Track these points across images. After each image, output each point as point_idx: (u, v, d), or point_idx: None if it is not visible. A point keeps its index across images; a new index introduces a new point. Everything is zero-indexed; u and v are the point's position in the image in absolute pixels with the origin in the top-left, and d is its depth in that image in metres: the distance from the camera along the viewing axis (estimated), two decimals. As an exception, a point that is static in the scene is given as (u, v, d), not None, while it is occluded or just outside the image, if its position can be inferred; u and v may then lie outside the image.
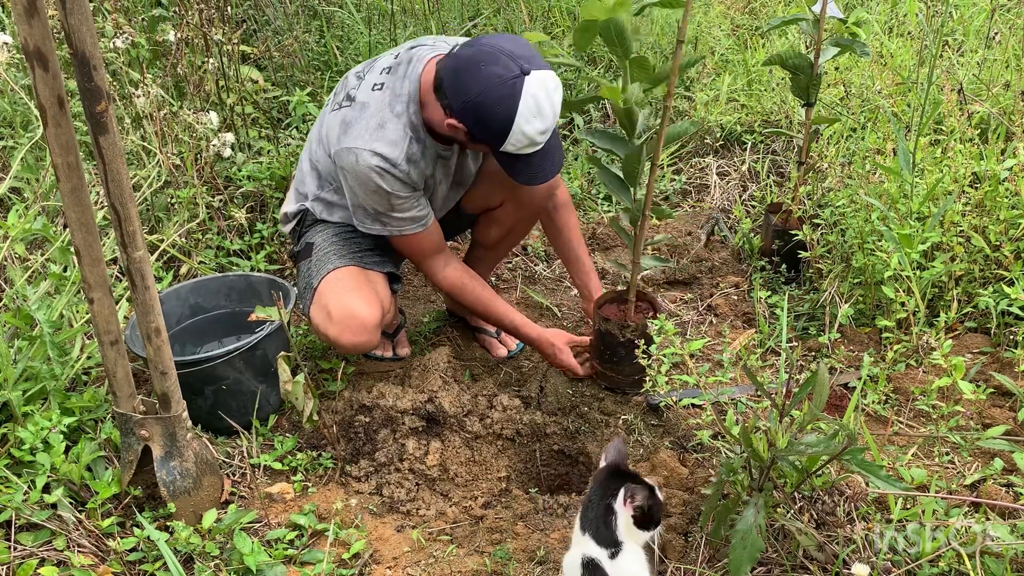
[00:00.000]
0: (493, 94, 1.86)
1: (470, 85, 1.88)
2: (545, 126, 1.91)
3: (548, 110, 1.90)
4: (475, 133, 1.95)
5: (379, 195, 2.03)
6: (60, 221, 2.34)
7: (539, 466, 2.19)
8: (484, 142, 1.98)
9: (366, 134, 1.99)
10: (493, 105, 1.87)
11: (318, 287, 2.16)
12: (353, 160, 1.99)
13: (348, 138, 2.00)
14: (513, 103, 1.86)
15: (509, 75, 1.85)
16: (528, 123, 1.88)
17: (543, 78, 1.88)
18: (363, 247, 2.24)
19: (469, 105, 1.89)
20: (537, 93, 1.87)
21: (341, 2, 4.08)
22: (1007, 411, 2.00)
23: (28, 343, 1.92)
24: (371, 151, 1.98)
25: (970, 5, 4.00)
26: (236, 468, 2.05)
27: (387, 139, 1.99)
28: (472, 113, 1.90)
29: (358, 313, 2.10)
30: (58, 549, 1.67)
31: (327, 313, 2.12)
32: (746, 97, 3.76)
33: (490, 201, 2.38)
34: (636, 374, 2.20)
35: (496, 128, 1.90)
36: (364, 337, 2.12)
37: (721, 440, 1.95)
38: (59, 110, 1.45)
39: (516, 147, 1.94)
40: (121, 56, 2.72)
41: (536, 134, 1.91)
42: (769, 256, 2.79)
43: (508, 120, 1.88)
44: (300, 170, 2.30)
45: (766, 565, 1.64)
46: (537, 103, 1.87)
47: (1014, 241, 2.23)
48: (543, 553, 1.80)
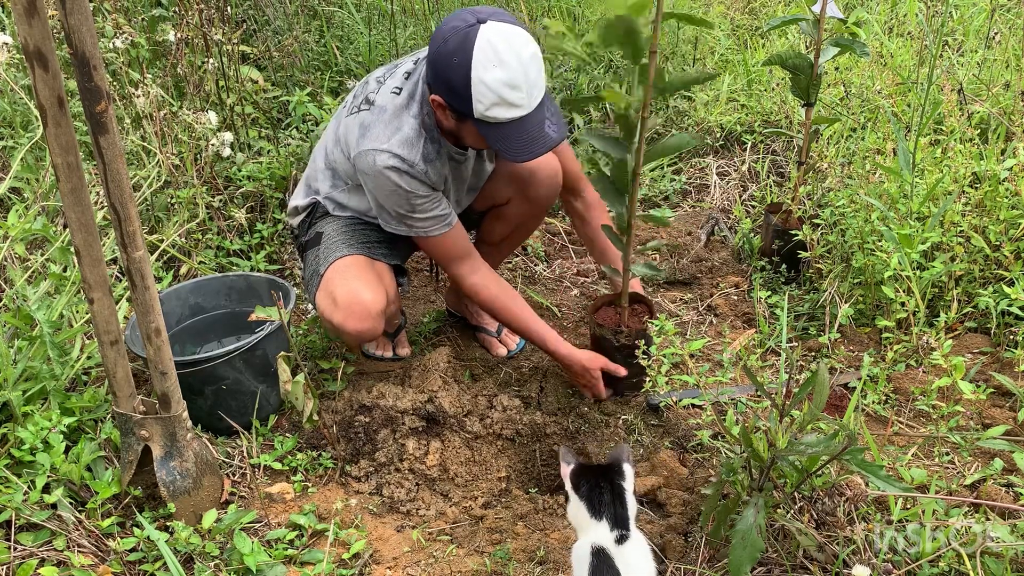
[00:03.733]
0: (448, 46, 1.82)
1: (431, 47, 1.87)
2: (509, 77, 1.81)
3: (511, 59, 1.80)
4: (447, 100, 1.89)
5: (399, 195, 2.02)
6: (60, 221, 2.34)
7: (539, 466, 2.19)
8: (458, 111, 1.91)
9: (383, 136, 1.99)
10: (450, 57, 1.82)
11: (324, 273, 2.17)
12: (371, 162, 1.99)
13: (366, 141, 2.00)
14: (468, 52, 1.80)
15: (464, 25, 1.82)
16: (487, 71, 1.80)
17: (503, 28, 1.82)
18: (372, 239, 2.24)
19: (434, 67, 1.87)
20: (492, 39, 1.80)
21: (341, 2, 4.08)
22: (1007, 411, 2.00)
23: (28, 343, 1.92)
24: (388, 152, 1.97)
25: (970, 5, 4.00)
26: (236, 468, 2.05)
27: (403, 140, 1.99)
28: (438, 75, 1.87)
29: (363, 299, 2.10)
30: (58, 549, 1.67)
31: (332, 299, 2.12)
32: (746, 97, 3.76)
33: (497, 198, 2.37)
34: (634, 376, 2.20)
35: (459, 85, 1.83)
36: (368, 323, 2.11)
37: (721, 440, 1.95)
38: (59, 110, 1.45)
39: (486, 106, 1.84)
40: (121, 56, 2.72)
41: (501, 86, 1.82)
42: (769, 256, 2.79)
43: (466, 72, 1.81)
44: (313, 167, 2.30)
45: (766, 565, 1.64)
46: (494, 50, 1.80)
47: (1014, 241, 2.23)
48: (543, 553, 1.80)
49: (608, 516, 1.48)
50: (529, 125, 1.90)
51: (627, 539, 1.46)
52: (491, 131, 1.91)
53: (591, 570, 1.42)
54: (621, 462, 1.57)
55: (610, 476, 1.54)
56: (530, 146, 1.93)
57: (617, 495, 1.51)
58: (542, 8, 4.36)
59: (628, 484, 1.55)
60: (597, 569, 1.42)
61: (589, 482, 1.54)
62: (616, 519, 1.48)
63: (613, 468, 1.56)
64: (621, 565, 1.42)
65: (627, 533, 1.47)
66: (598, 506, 1.50)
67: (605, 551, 1.44)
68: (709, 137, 3.67)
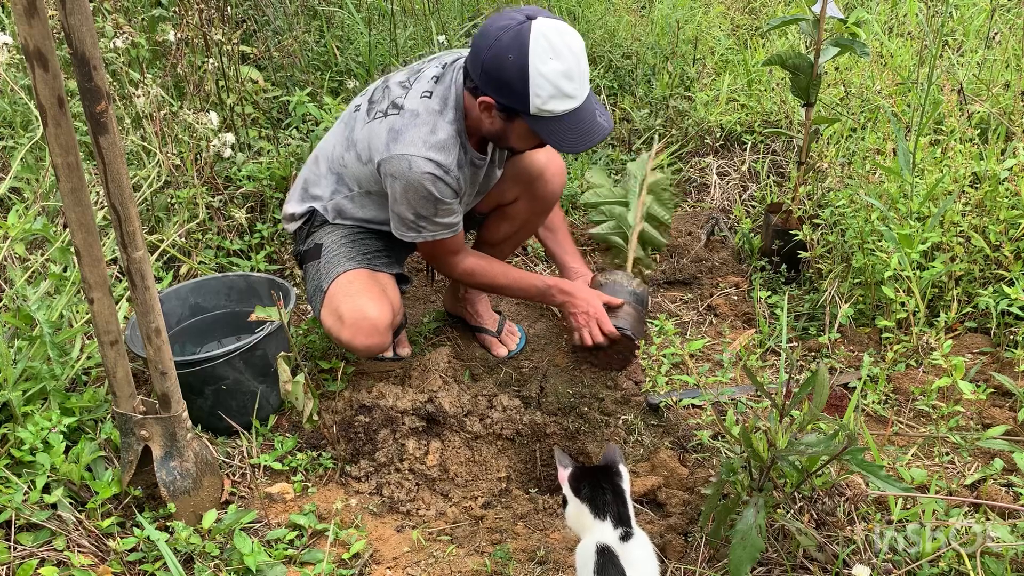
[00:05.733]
0: (502, 44, 1.84)
1: (482, 48, 1.88)
2: (565, 68, 1.85)
3: (565, 51, 1.84)
4: (500, 99, 1.91)
5: (428, 200, 2.01)
6: (60, 221, 2.34)
7: (539, 466, 2.19)
8: (514, 110, 1.92)
9: (419, 141, 1.98)
10: (504, 55, 1.84)
11: (328, 290, 2.16)
12: (406, 166, 1.97)
13: (400, 145, 1.99)
14: (523, 46, 1.83)
15: (514, 23, 1.85)
16: (544, 64, 1.83)
17: (552, 23, 1.86)
18: (372, 248, 2.24)
19: (486, 67, 1.88)
20: (547, 32, 1.83)
21: (341, 2, 4.07)
22: (1007, 411, 2.00)
23: (28, 343, 1.92)
24: (425, 158, 1.97)
25: (970, 5, 4.00)
26: (236, 468, 2.05)
27: (440, 145, 1.99)
28: (490, 75, 1.88)
29: (369, 315, 2.10)
30: (58, 549, 1.67)
31: (339, 317, 2.12)
32: (746, 97, 3.76)
33: (504, 198, 2.37)
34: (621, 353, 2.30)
35: (515, 81, 1.85)
36: (376, 339, 2.12)
37: (721, 440, 1.96)
38: (59, 110, 1.45)
39: (544, 99, 1.87)
40: (121, 56, 2.72)
41: (559, 78, 1.85)
42: (769, 256, 2.79)
43: (523, 66, 1.84)
44: (313, 172, 2.28)
45: (766, 565, 1.64)
46: (549, 42, 1.83)
47: (1014, 241, 2.23)
48: (543, 553, 1.80)
49: (611, 515, 1.49)
50: (584, 115, 1.93)
51: (631, 536, 1.46)
52: (546, 125, 1.92)
53: (596, 568, 1.42)
54: (617, 463, 1.58)
55: (609, 477, 1.55)
56: (585, 137, 1.95)
57: (618, 495, 1.52)
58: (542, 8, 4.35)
59: (626, 484, 1.56)
60: (602, 567, 1.42)
61: (590, 484, 1.54)
62: (619, 518, 1.49)
63: (611, 469, 1.57)
64: (626, 562, 1.42)
65: (631, 531, 1.47)
66: (601, 506, 1.50)
67: (610, 549, 1.44)
68: (709, 137, 3.67)
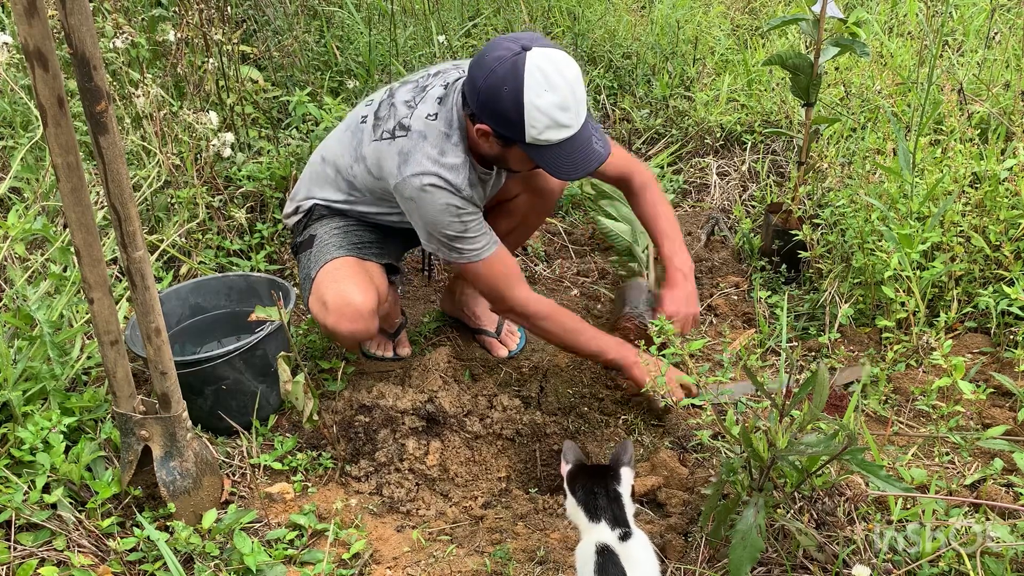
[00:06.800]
0: (497, 76, 1.84)
1: (477, 77, 1.88)
2: (560, 99, 1.85)
3: (559, 82, 1.83)
4: (497, 128, 1.91)
5: (450, 215, 2.01)
6: (60, 221, 2.34)
7: (539, 466, 2.19)
8: (510, 139, 1.93)
9: (428, 161, 1.98)
10: (500, 86, 1.84)
11: (315, 277, 2.17)
12: (418, 186, 1.98)
13: (410, 167, 1.99)
14: (518, 79, 1.82)
15: (509, 54, 1.84)
16: (539, 96, 1.83)
17: (547, 53, 1.85)
18: (364, 239, 2.24)
19: (481, 97, 1.88)
20: (541, 64, 1.83)
21: (341, 2, 4.08)
22: (1007, 411, 2.00)
23: (28, 343, 1.92)
24: (436, 175, 1.97)
25: (970, 5, 4.00)
26: (236, 468, 2.05)
27: (450, 165, 1.99)
28: (486, 105, 1.88)
29: (352, 300, 2.10)
30: (58, 549, 1.67)
31: (323, 302, 2.12)
32: (746, 97, 3.76)
33: (505, 194, 2.37)
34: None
35: (511, 112, 1.85)
36: (360, 324, 2.11)
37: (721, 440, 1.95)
38: (59, 110, 1.45)
39: (539, 130, 1.87)
40: (121, 56, 2.72)
41: (554, 109, 1.85)
42: (769, 256, 2.79)
43: (517, 98, 1.83)
44: (320, 175, 2.27)
45: (766, 565, 1.64)
46: (544, 74, 1.83)
47: (1014, 241, 2.23)
48: (543, 553, 1.80)
49: (607, 518, 1.49)
50: (579, 143, 1.93)
51: (630, 536, 1.46)
52: (541, 153, 1.93)
53: (596, 568, 1.42)
54: (619, 465, 1.57)
55: (605, 480, 1.54)
56: (581, 164, 1.95)
57: (613, 499, 1.51)
58: (542, 8, 4.36)
59: (624, 487, 1.55)
60: (602, 566, 1.42)
61: (584, 486, 1.54)
62: (615, 520, 1.49)
63: (609, 471, 1.56)
64: (625, 561, 1.42)
65: (629, 531, 1.47)
66: (594, 509, 1.51)
67: (610, 548, 1.44)
68: (709, 137, 3.67)
